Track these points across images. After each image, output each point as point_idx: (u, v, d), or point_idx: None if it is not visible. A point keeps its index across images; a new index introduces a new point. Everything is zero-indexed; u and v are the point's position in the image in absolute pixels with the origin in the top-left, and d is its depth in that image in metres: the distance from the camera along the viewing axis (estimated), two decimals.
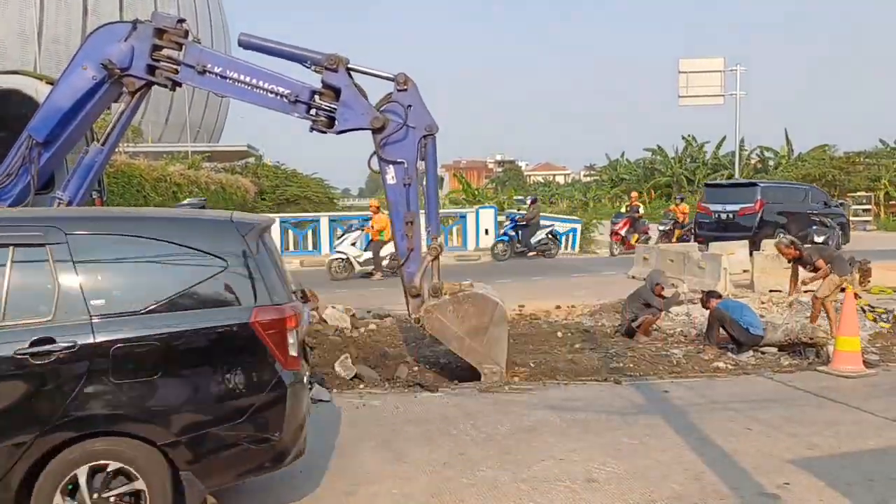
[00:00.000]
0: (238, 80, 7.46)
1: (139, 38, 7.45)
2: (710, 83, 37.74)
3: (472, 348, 7.58)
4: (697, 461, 5.25)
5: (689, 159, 56.22)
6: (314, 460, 5.33)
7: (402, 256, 7.76)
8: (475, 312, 7.55)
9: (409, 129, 7.55)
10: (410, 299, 7.76)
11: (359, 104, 7.51)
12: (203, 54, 7.55)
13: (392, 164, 7.59)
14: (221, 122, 67.39)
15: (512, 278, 16.87)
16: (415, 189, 7.66)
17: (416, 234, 7.68)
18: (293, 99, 7.43)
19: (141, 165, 27.49)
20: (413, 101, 7.57)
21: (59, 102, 7.51)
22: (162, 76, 7.53)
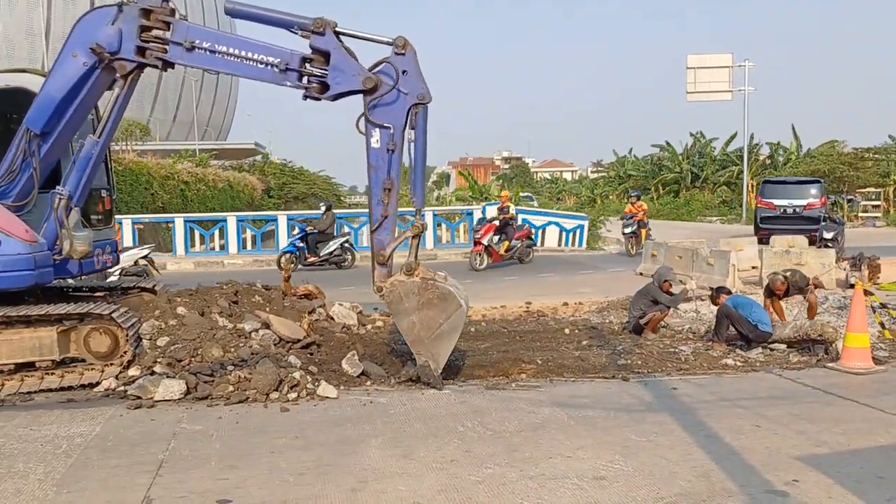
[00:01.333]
0: (227, 52, 7.35)
1: (126, 20, 7.37)
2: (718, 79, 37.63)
3: (419, 336, 7.42)
4: (706, 458, 5.22)
5: (698, 155, 56.03)
6: (321, 457, 5.34)
7: (376, 223, 7.53)
8: (437, 306, 7.36)
9: (401, 94, 7.31)
10: (377, 266, 7.58)
11: (349, 66, 7.32)
12: (190, 30, 7.47)
13: (378, 128, 7.37)
14: (229, 120, 67.66)
15: (519, 275, 16.86)
16: (398, 157, 7.45)
17: (392, 203, 7.46)
18: (283, 67, 7.31)
19: (149, 163, 27.63)
20: (409, 67, 7.33)
21: (52, 92, 7.50)
22: (152, 57, 7.44)
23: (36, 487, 4.83)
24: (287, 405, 6.64)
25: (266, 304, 9.40)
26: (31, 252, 7.30)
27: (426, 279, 7.45)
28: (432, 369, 7.39)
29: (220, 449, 5.56)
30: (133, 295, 9.31)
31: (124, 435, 5.91)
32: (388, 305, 7.57)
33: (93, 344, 7.43)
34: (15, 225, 7.34)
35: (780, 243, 15.18)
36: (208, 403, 6.71)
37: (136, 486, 4.85)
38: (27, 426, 6.14)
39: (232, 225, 21.92)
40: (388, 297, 7.45)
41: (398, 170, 7.53)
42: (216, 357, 7.47)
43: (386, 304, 7.64)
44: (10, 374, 7.22)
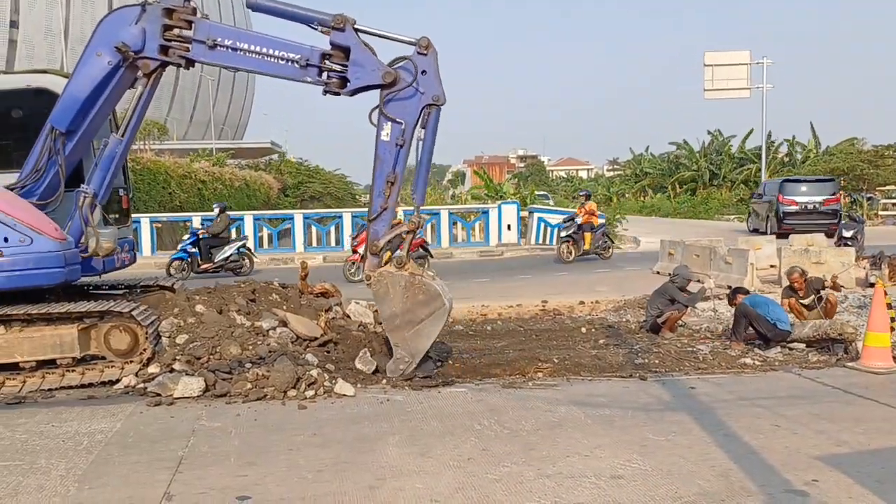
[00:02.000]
0: (248, 50, 7.48)
1: (149, 19, 7.49)
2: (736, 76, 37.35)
3: (399, 328, 7.57)
4: (724, 458, 5.19)
5: (715, 153, 55.68)
6: (339, 455, 5.37)
7: (374, 213, 7.71)
8: (421, 301, 7.51)
9: (418, 92, 7.48)
10: (369, 256, 7.75)
11: (369, 61, 7.47)
12: (212, 29, 7.59)
13: (390, 122, 7.52)
14: (245, 119, 68.07)
15: (533, 273, 16.85)
16: (405, 153, 7.61)
17: (392, 196, 7.64)
18: (304, 63, 7.42)
19: (167, 162, 27.84)
20: (429, 68, 7.48)
21: (77, 91, 7.61)
22: (175, 55, 7.56)
23: (58, 483, 4.89)
24: (305, 403, 6.68)
25: (283, 302, 9.44)
26: (62, 250, 7.41)
27: (414, 275, 7.58)
28: (406, 366, 7.56)
29: (239, 446, 5.60)
30: (153, 293, 9.39)
31: (144, 432, 5.96)
32: (374, 295, 7.71)
33: (113, 341, 7.51)
34: (45, 223, 7.45)
35: (798, 242, 15.06)
36: (227, 401, 6.76)
37: (156, 483, 4.89)
38: (49, 422, 6.22)
39: (248, 223, 22.05)
40: (375, 286, 7.60)
41: (404, 165, 7.70)
42: (234, 355, 7.52)
43: (372, 293, 7.77)
44: (31, 371, 7.30)
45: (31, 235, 7.22)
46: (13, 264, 7.18)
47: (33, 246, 7.23)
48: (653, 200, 57.23)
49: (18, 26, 46.22)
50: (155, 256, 21.16)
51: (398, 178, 7.62)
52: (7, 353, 7.23)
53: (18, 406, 6.79)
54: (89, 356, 7.54)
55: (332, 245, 22.49)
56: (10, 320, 7.29)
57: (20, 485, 4.87)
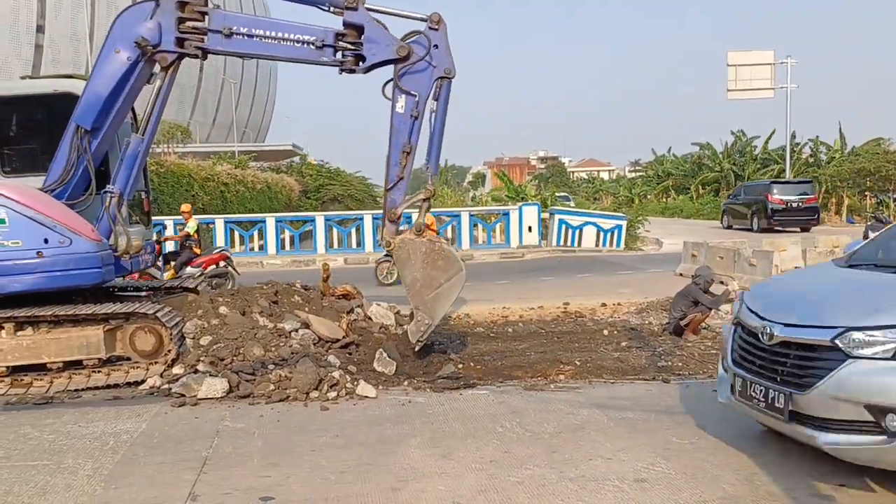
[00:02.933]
0: (264, 35, 7.64)
1: (163, 13, 7.66)
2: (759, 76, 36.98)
3: (420, 292, 7.94)
4: (749, 462, 5.14)
5: (738, 154, 55.13)
6: (361, 456, 5.38)
7: (392, 182, 8.00)
8: (441, 266, 7.87)
9: (430, 65, 7.74)
10: (388, 223, 8.08)
11: (383, 37, 7.70)
12: (227, 18, 7.78)
13: (405, 94, 7.80)
14: (267, 122, 68.52)
15: (555, 275, 16.79)
16: (419, 124, 7.90)
17: (408, 166, 7.94)
18: (320, 44, 7.61)
19: (190, 165, 28.08)
20: (440, 42, 7.76)
21: (99, 88, 7.75)
22: (191, 47, 7.71)
23: (85, 483, 4.95)
24: (327, 404, 6.70)
25: (305, 304, 9.49)
26: (99, 250, 7.55)
27: (433, 241, 7.93)
28: (426, 328, 7.95)
29: (262, 447, 5.64)
30: (177, 295, 9.49)
31: (169, 432, 6.02)
32: (395, 260, 8.11)
33: (138, 343, 7.60)
34: (82, 224, 7.60)
35: (824, 243, 14.89)
36: (250, 402, 6.80)
37: (181, 483, 4.94)
38: (75, 423, 6.30)
39: (271, 226, 22.19)
40: (397, 251, 7.98)
41: (418, 136, 7.95)
42: (257, 356, 7.57)
43: (393, 258, 8.20)
44: (58, 372, 7.40)
45: (70, 236, 7.36)
46: (54, 265, 7.32)
47: (72, 247, 7.36)
48: (675, 202, 56.80)
49: (44, 31, 46.83)
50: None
51: (413, 148, 7.92)
52: (35, 354, 7.35)
53: (46, 406, 6.89)
54: (115, 357, 7.64)
55: (354, 247, 22.56)
56: (38, 322, 7.40)
57: (48, 484, 4.94)
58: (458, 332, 10.36)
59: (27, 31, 46.26)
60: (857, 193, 41.67)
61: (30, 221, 7.24)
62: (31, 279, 7.27)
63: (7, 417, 6.54)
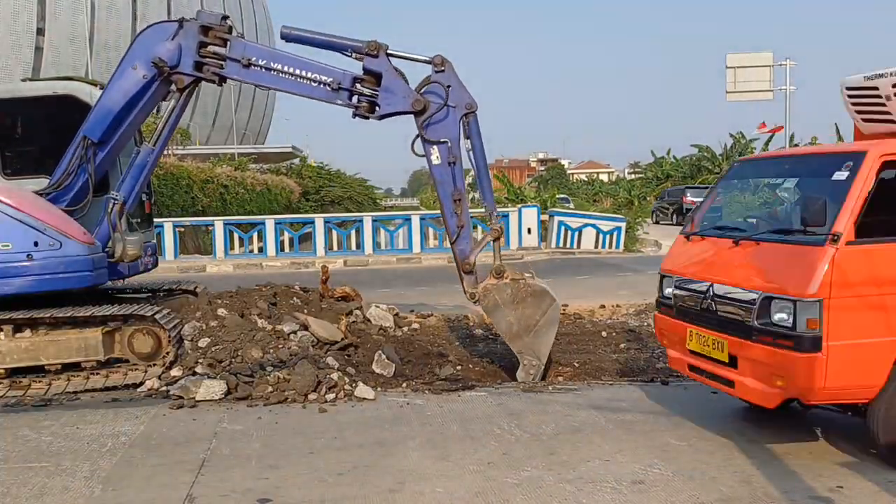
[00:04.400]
0: (282, 70, 7.66)
1: (186, 35, 7.67)
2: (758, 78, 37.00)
3: (518, 335, 7.69)
4: (747, 463, 5.15)
5: (737, 156, 55.21)
6: (359, 458, 5.39)
7: (453, 234, 7.87)
8: (532, 303, 7.65)
9: (450, 108, 7.65)
10: (464, 276, 7.89)
11: (400, 88, 7.65)
12: (248, 48, 7.76)
13: (436, 145, 7.72)
14: (267, 124, 68.52)
15: (555, 277, 16.75)
16: (460, 167, 7.80)
17: (464, 212, 7.81)
18: (336, 86, 7.61)
19: (189, 167, 28.08)
20: (451, 82, 7.68)
21: (111, 103, 7.76)
22: (209, 72, 7.74)
23: (83, 485, 4.96)
24: (325, 406, 6.70)
25: (304, 305, 9.50)
26: (90, 254, 7.55)
27: (516, 279, 7.72)
28: (537, 370, 7.66)
29: (260, 449, 5.64)
30: (176, 297, 9.49)
31: (167, 434, 6.03)
32: (485, 310, 7.88)
33: (136, 345, 7.60)
34: (73, 227, 7.59)
35: None
36: (248, 404, 6.81)
37: (179, 485, 4.95)
38: (74, 424, 6.30)
39: (270, 228, 22.17)
40: (484, 301, 7.75)
41: (462, 180, 7.86)
42: (256, 358, 7.58)
43: (482, 309, 7.98)
44: (56, 374, 7.41)
45: (60, 239, 7.35)
46: (43, 268, 7.32)
47: (62, 250, 7.35)
48: None
49: (44, 33, 46.86)
50: (178, 260, 21.35)
51: (463, 193, 7.82)
52: (33, 356, 7.35)
53: (44, 408, 6.90)
54: (113, 359, 7.64)
55: (353, 249, 22.54)
56: (36, 324, 7.40)
57: (45, 486, 4.94)
58: (456, 334, 10.35)
59: (27, 33, 46.26)
60: None
61: (19, 224, 7.23)
62: (20, 282, 7.27)
63: (5, 419, 6.54)
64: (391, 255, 22.20)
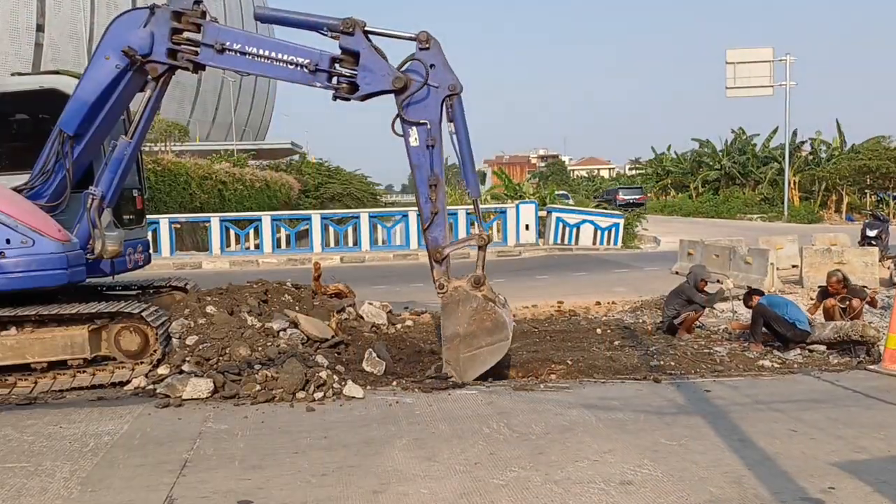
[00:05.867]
0: (257, 54, 7.40)
1: (158, 23, 7.45)
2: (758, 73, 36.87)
3: (456, 348, 7.36)
4: (738, 464, 5.06)
5: (738, 152, 55.03)
6: (345, 458, 5.30)
7: (426, 221, 7.55)
8: (487, 329, 7.33)
9: (432, 88, 7.32)
10: (435, 264, 7.57)
11: (379, 66, 7.33)
12: (221, 32, 7.52)
13: (415, 126, 7.39)
14: (267, 120, 68.43)
15: (550, 274, 16.71)
16: (438, 151, 7.47)
17: (439, 198, 7.48)
18: (313, 68, 7.33)
19: (187, 164, 28.00)
20: (435, 61, 7.35)
21: (85, 94, 7.60)
22: (183, 59, 7.52)
23: (61, 486, 4.87)
24: (313, 405, 6.62)
25: (296, 302, 9.41)
26: (64, 251, 7.38)
27: (489, 298, 7.41)
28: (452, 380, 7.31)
29: (245, 449, 5.55)
30: (165, 293, 9.40)
31: (151, 434, 5.94)
32: (443, 306, 7.53)
33: (123, 342, 7.50)
34: (47, 224, 7.44)
35: (821, 241, 14.79)
36: (235, 402, 6.72)
37: (159, 486, 4.86)
38: (57, 423, 6.21)
39: (266, 224, 22.10)
40: (447, 298, 7.44)
41: (440, 164, 7.53)
42: (244, 356, 7.49)
43: (441, 303, 7.61)
44: (43, 372, 7.31)
45: (32, 237, 7.19)
46: (15, 266, 7.16)
47: (35, 247, 7.19)
48: (675, 200, 56.71)
49: (44, 30, 46.75)
50: (174, 257, 21.27)
51: (439, 179, 7.47)
52: (18, 355, 7.25)
53: (29, 407, 6.81)
54: (100, 357, 7.54)
55: (350, 245, 22.48)
56: (22, 321, 7.31)
57: (24, 487, 4.86)
58: None
59: (27, 30, 46.20)
60: (856, 191, 41.56)
61: None
62: None
63: None
64: (388, 251, 22.12)
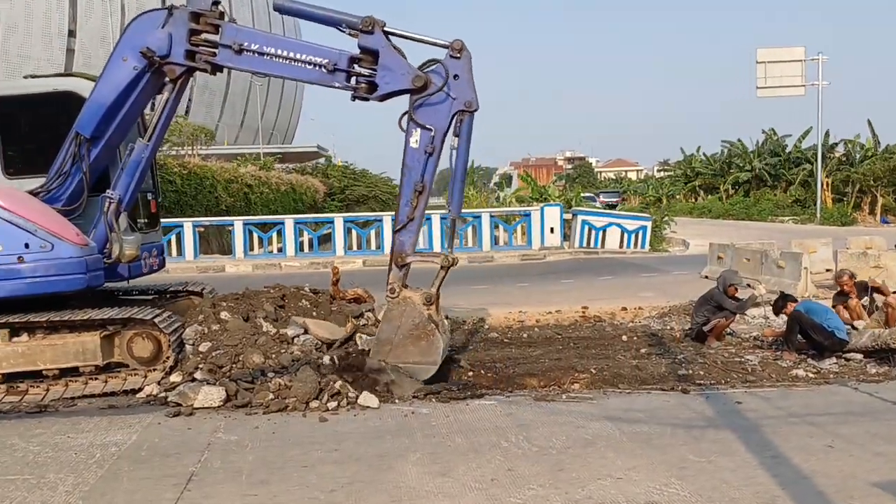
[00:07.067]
0: (275, 55, 7.28)
1: (176, 24, 7.34)
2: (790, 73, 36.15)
3: (384, 355, 7.22)
4: (771, 482, 4.76)
5: (769, 153, 54.07)
6: (356, 473, 5.09)
7: (400, 223, 7.41)
8: (420, 348, 7.18)
9: (449, 97, 7.15)
10: (394, 267, 7.40)
11: (398, 65, 7.17)
12: (239, 33, 7.39)
13: (420, 128, 7.22)
14: (294, 123, 68.71)
15: (575, 278, 16.38)
16: (435, 160, 7.31)
17: (420, 206, 7.32)
18: (331, 68, 7.19)
19: (213, 167, 28.06)
20: (461, 72, 7.17)
21: (103, 96, 7.50)
22: (201, 60, 7.40)
23: (62, 500, 4.72)
24: (326, 415, 6.42)
25: (313, 308, 9.24)
26: (83, 255, 7.31)
27: (434, 321, 7.27)
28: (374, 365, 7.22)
29: (253, 462, 5.37)
30: (182, 298, 9.28)
31: (159, 445, 5.78)
32: (387, 311, 7.43)
33: (136, 349, 7.38)
34: (66, 228, 7.36)
35: (856, 245, 14.30)
36: (247, 411, 6.55)
37: (162, 501, 4.70)
38: (65, 433, 6.08)
39: (289, 228, 22.02)
40: (394, 304, 7.32)
41: (433, 174, 7.40)
42: (257, 364, 7.32)
43: (385, 309, 7.55)
44: (55, 379, 7.20)
45: (51, 241, 7.13)
46: (34, 270, 7.10)
47: (54, 252, 7.13)
48: (704, 202, 55.90)
49: (76, 35, 47.32)
50: (197, 260, 21.28)
51: (426, 187, 7.31)
52: (30, 361, 7.15)
53: (39, 415, 6.70)
54: (113, 364, 7.42)
55: (373, 249, 22.31)
56: (33, 327, 7.21)
57: (24, 501, 4.72)
58: (469, 339, 10.03)
59: (59, 36, 46.77)
60: (891, 192, 40.58)
61: (10, 226, 7.01)
62: (11, 285, 7.04)
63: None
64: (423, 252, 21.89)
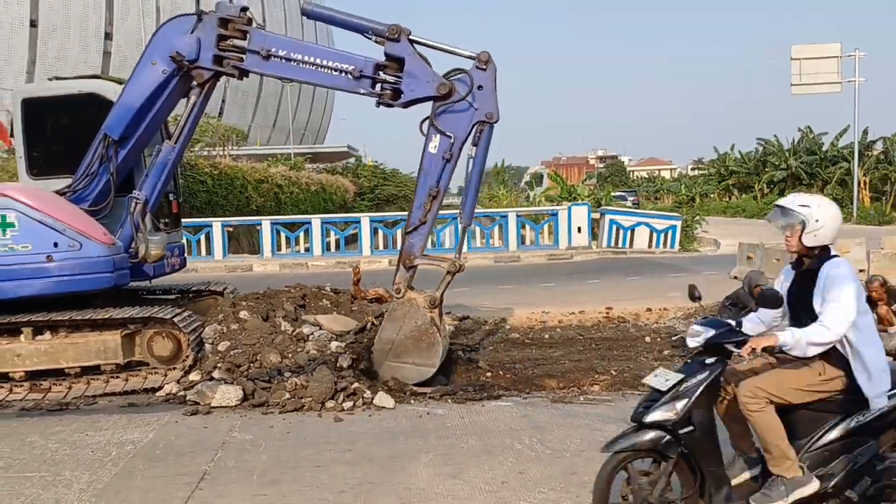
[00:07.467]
0: (303, 61, 7.39)
1: (205, 29, 7.47)
2: (825, 70, 35.42)
3: (384, 353, 7.34)
4: None
5: (805, 151, 53.10)
6: (367, 474, 5.08)
7: (412, 226, 7.54)
8: (423, 349, 7.28)
9: (471, 107, 7.29)
10: (401, 267, 7.53)
11: (423, 72, 7.30)
12: (267, 39, 7.50)
13: (440, 134, 7.36)
14: (326, 124, 69.13)
15: (602, 277, 16.22)
16: (451, 167, 7.46)
17: (433, 211, 7.47)
18: (357, 74, 7.31)
19: (244, 167, 28.33)
20: (485, 84, 7.31)
21: (131, 99, 7.63)
22: (229, 65, 7.52)
23: (76, 498, 4.77)
24: (341, 415, 6.42)
25: (334, 307, 9.26)
26: (111, 255, 7.44)
27: (437, 325, 7.35)
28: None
29: (267, 461, 5.38)
30: (205, 298, 9.37)
31: (174, 443, 5.83)
32: (391, 310, 7.54)
33: (156, 348, 7.46)
34: (94, 228, 7.50)
35: (890, 245, 13.96)
36: (263, 411, 6.58)
37: (173, 499, 4.72)
38: (84, 431, 6.16)
39: (316, 227, 22.13)
40: (398, 304, 7.45)
41: (448, 180, 7.52)
42: (274, 363, 7.35)
43: (389, 309, 7.67)
44: (76, 377, 7.31)
45: (80, 240, 7.26)
46: (62, 269, 7.24)
47: (82, 251, 7.26)
48: (738, 201, 55.10)
49: (112, 38, 48.09)
50: (225, 260, 21.51)
51: (441, 192, 7.46)
52: (53, 359, 7.27)
53: (60, 413, 6.80)
54: (134, 362, 7.51)
55: (398, 248, 22.33)
56: (56, 326, 7.32)
57: (38, 498, 4.78)
58: (490, 339, 9.97)
59: (96, 38, 47.57)
60: None
61: (39, 225, 7.17)
62: (40, 284, 7.20)
63: (19, 424, 6.46)
64: (436, 254, 21.84)
